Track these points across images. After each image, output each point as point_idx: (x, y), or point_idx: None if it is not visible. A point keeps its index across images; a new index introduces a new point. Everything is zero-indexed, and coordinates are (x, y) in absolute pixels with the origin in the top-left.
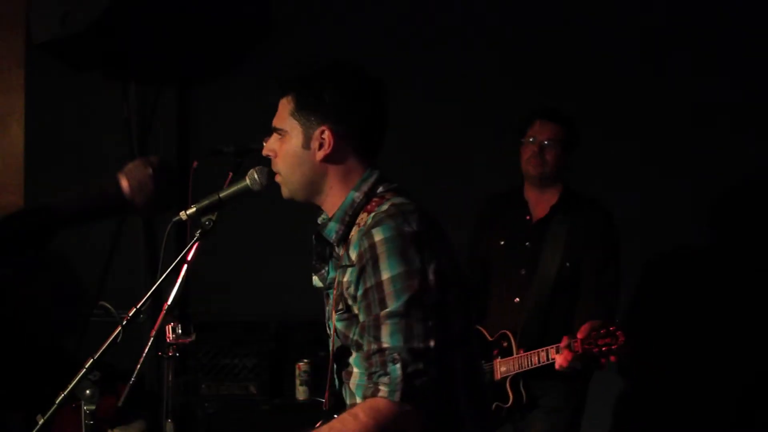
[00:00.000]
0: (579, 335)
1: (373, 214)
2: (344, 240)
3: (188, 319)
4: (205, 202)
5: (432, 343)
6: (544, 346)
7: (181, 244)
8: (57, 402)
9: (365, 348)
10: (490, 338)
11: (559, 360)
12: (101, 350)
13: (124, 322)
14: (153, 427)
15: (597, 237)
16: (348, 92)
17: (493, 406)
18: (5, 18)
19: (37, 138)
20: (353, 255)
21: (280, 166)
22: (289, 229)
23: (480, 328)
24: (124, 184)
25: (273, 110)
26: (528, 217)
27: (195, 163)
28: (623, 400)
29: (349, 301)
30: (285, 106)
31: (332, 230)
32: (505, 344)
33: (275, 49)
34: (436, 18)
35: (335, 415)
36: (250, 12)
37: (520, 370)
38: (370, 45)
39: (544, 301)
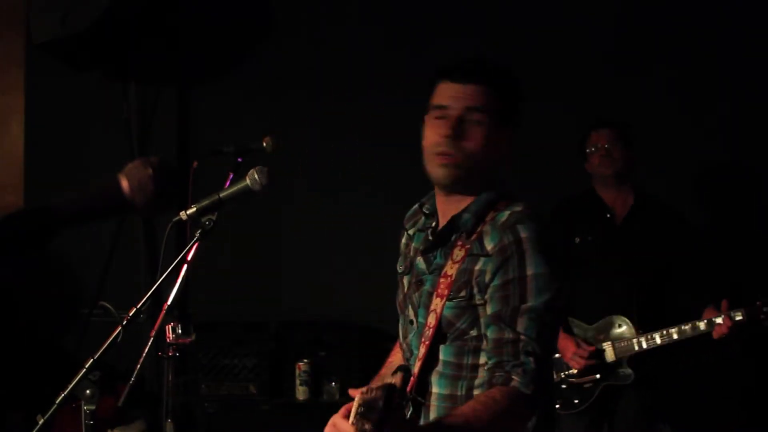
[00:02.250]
0: (723, 309)
1: (507, 213)
2: (473, 232)
3: (188, 319)
4: (205, 202)
5: (553, 344)
6: (659, 327)
7: (181, 244)
8: (57, 402)
9: (494, 336)
10: (587, 325)
11: (721, 329)
12: (101, 350)
13: (124, 322)
14: (153, 427)
15: (681, 226)
16: (523, 106)
17: (600, 386)
18: (5, 18)
19: (37, 138)
20: (489, 246)
21: (471, 147)
22: (290, 229)
23: (573, 319)
24: (125, 184)
25: (273, 110)
26: (609, 215)
27: (195, 163)
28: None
29: (475, 290)
30: (487, 96)
31: (468, 221)
32: (619, 327)
33: (275, 49)
34: (436, 17)
35: (415, 397)
36: (250, 12)
37: (650, 348)
38: (370, 45)
39: (646, 289)
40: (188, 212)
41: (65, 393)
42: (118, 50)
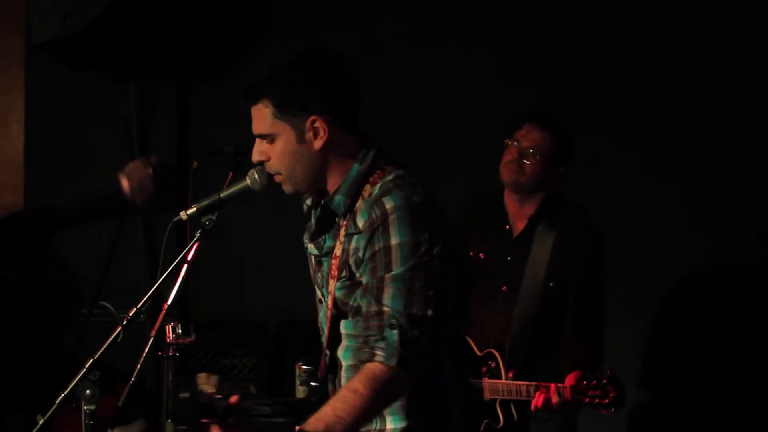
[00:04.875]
0: (567, 382)
1: (379, 185)
2: (350, 211)
3: (188, 319)
4: (206, 202)
5: (430, 312)
6: (532, 367)
7: (181, 244)
8: (57, 402)
9: (364, 309)
10: (479, 353)
11: (537, 401)
12: (101, 350)
13: (124, 322)
14: (153, 427)
15: (582, 255)
16: (323, 76)
17: (484, 424)
18: (5, 18)
19: (37, 138)
20: (360, 223)
21: (278, 166)
22: (289, 229)
23: (468, 339)
24: (125, 184)
25: None
26: (507, 227)
27: (195, 163)
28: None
29: (353, 268)
30: (262, 111)
31: (340, 203)
32: (492, 364)
33: (276, 49)
34: (436, 18)
35: (329, 376)
36: (250, 12)
37: (509, 398)
38: (371, 45)
39: (529, 322)
40: (188, 212)
41: (65, 393)
42: (118, 50)
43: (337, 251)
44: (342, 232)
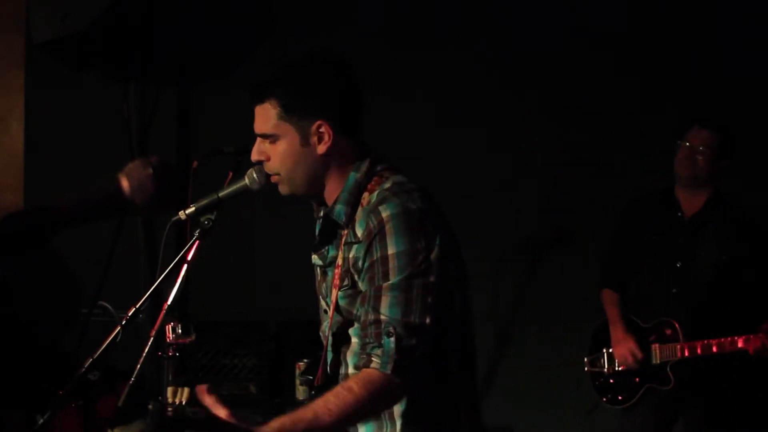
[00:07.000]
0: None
1: (376, 192)
2: (351, 220)
3: (188, 319)
4: (205, 202)
5: (428, 320)
6: (710, 337)
7: (181, 243)
8: (57, 402)
9: (362, 318)
10: (643, 324)
11: (754, 344)
12: (101, 350)
13: (124, 322)
14: None
15: (754, 231)
16: (331, 81)
17: (644, 387)
18: (5, 18)
19: (37, 138)
20: (359, 232)
21: (277, 167)
22: (289, 229)
23: (631, 317)
24: (125, 184)
25: None
26: (680, 214)
27: (195, 163)
28: None
29: (356, 277)
30: (268, 110)
31: (341, 212)
32: (668, 332)
33: (276, 49)
34: (437, 17)
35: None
36: (250, 12)
37: (691, 356)
38: (370, 45)
39: (704, 293)
40: (187, 212)
41: (65, 393)
42: (118, 50)
43: (339, 260)
44: (343, 241)
